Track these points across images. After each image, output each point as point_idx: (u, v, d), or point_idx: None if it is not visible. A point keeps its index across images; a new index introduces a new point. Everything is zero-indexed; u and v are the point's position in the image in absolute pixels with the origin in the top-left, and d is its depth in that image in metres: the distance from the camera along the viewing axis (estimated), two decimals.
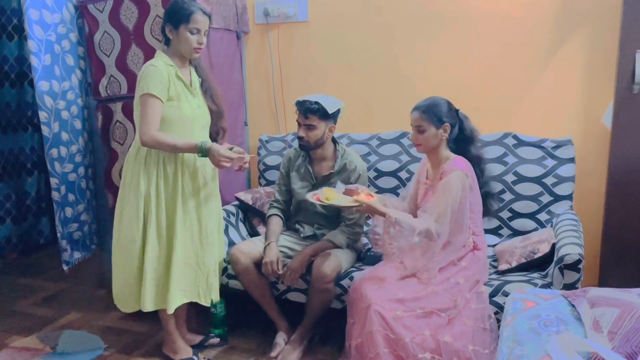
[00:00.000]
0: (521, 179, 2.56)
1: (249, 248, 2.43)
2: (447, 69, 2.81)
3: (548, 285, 2.09)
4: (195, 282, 2.20)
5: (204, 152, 1.98)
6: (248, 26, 3.13)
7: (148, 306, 2.12)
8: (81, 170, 2.87)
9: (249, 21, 3.13)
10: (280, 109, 3.17)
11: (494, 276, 2.27)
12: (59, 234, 2.77)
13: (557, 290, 1.76)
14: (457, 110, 2.14)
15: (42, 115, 2.60)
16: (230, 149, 2.12)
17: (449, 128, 2.09)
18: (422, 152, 2.17)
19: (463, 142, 2.13)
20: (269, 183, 3.08)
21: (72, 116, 2.78)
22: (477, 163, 2.13)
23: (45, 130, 2.61)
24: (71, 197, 2.83)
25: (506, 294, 2.08)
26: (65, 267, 2.83)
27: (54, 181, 2.68)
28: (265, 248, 2.41)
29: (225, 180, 2.94)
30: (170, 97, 2.01)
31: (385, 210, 2.02)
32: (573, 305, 1.46)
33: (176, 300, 2.15)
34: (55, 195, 2.69)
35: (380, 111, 2.97)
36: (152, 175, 2.06)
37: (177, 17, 2.00)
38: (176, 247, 2.10)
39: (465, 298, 2.01)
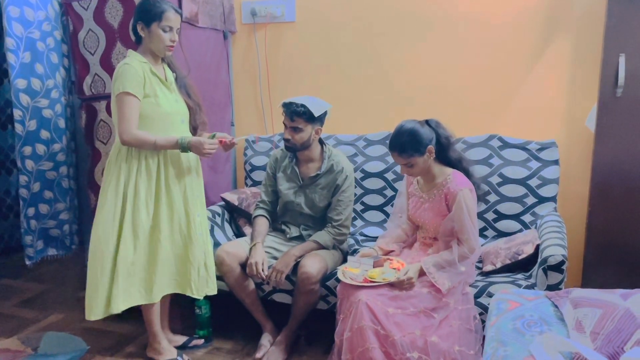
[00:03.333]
0: (506, 180, 2.57)
1: (235, 249, 2.42)
2: (434, 71, 2.82)
3: (532, 286, 2.10)
4: (186, 274, 2.18)
5: (184, 147, 2.02)
6: (235, 26, 3.12)
7: (120, 305, 2.07)
8: (63, 169, 2.84)
9: (236, 21, 3.12)
10: (267, 110, 3.16)
11: (478, 277, 2.28)
12: (22, 230, 2.75)
13: (541, 291, 1.77)
14: (427, 121, 2.13)
15: (17, 113, 2.60)
16: (212, 136, 2.16)
17: (433, 149, 2.10)
18: (417, 177, 2.22)
19: (440, 150, 2.13)
20: (256, 183, 3.07)
21: (55, 114, 2.75)
22: (459, 164, 2.15)
23: (18, 128, 2.61)
24: (48, 194, 2.80)
25: (491, 295, 2.09)
26: (28, 262, 2.79)
27: (23, 178, 2.67)
28: (250, 249, 2.41)
29: (210, 181, 2.93)
30: (147, 94, 2.03)
31: (424, 267, 2.06)
32: (556, 306, 1.47)
33: (163, 289, 2.14)
34: (22, 192, 2.68)
35: (367, 112, 2.97)
36: (133, 172, 2.06)
37: (149, 15, 2.02)
38: (162, 242, 2.10)
39: (456, 299, 2.03)
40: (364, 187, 2.85)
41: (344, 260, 2.53)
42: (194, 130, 2.24)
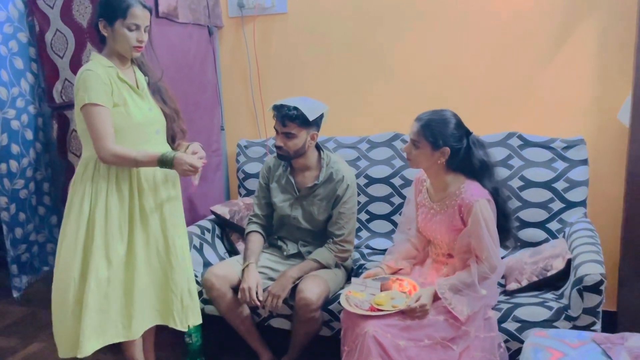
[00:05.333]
0: (528, 184, 2.33)
1: (225, 271, 2.20)
2: (443, 63, 2.58)
3: (565, 309, 1.86)
4: (167, 304, 1.97)
5: (167, 164, 1.80)
6: (221, 20, 2.89)
7: (86, 348, 1.80)
8: (32, 185, 2.62)
9: (222, 14, 2.90)
10: (259, 111, 2.95)
11: (501, 297, 2.04)
12: (9, 259, 2.57)
13: (587, 333, 1.48)
14: (468, 133, 1.89)
15: None
16: (186, 147, 1.97)
17: (448, 153, 1.86)
18: (412, 167, 1.98)
19: (472, 172, 1.89)
20: (250, 193, 2.84)
21: (22, 126, 2.51)
22: (495, 196, 1.89)
23: None
24: (22, 216, 2.61)
25: (518, 320, 1.88)
26: (15, 294, 2.63)
27: (3, 200, 2.45)
28: (243, 271, 2.18)
29: (200, 192, 2.70)
30: (116, 103, 1.80)
31: (439, 292, 1.84)
32: (609, 357, 1.19)
33: (143, 323, 1.92)
34: (4, 215, 2.46)
35: (370, 111, 2.75)
36: (101, 195, 1.83)
37: (111, 11, 1.78)
38: (138, 269, 1.87)
39: (477, 326, 1.81)
40: (368, 195, 2.61)
41: (349, 279, 2.30)
42: (171, 140, 2.01)
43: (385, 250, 2.47)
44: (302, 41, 2.80)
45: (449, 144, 1.85)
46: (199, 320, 2.04)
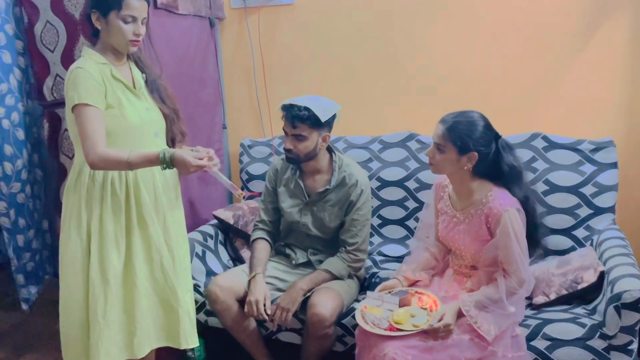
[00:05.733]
0: (553, 188, 2.21)
1: (230, 282, 2.07)
2: (462, 58, 2.46)
3: (599, 326, 1.74)
4: (175, 322, 1.83)
5: (167, 163, 1.63)
6: (223, 11, 2.76)
7: None
8: (28, 189, 2.46)
9: (224, 5, 2.77)
10: (264, 108, 2.81)
11: (528, 311, 1.92)
12: (13, 267, 2.42)
13: None
14: (497, 137, 1.76)
15: None
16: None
17: (475, 158, 1.73)
18: (435, 173, 1.85)
19: (500, 178, 1.77)
20: (254, 195, 2.69)
21: (13, 125, 2.35)
22: (525, 204, 1.76)
23: None
24: (22, 222, 2.45)
25: (548, 338, 1.77)
26: (25, 307, 2.50)
27: (2, 205, 2.33)
28: (249, 282, 2.06)
29: (200, 195, 2.59)
30: (110, 104, 1.67)
31: (464, 309, 1.71)
32: None
33: (148, 342, 1.79)
34: (5, 221, 2.33)
35: (383, 109, 2.63)
36: (95, 202, 1.70)
37: (105, 1, 1.65)
38: (139, 286, 1.74)
39: (505, 345, 1.69)
40: (381, 198, 2.48)
41: (362, 289, 2.19)
42: (171, 143, 1.87)
43: (399, 257, 2.40)
44: (310, 34, 2.68)
45: (477, 149, 1.71)
46: (196, 343, 1.90)
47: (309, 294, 2.00)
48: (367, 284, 2.21)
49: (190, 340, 1.85)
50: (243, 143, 2.76)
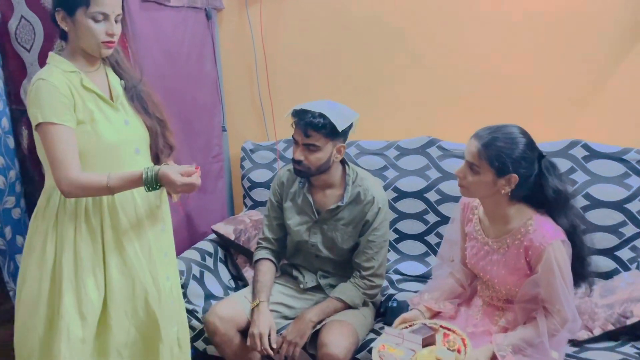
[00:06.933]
0: (595, 203, 1.98)
1: (231, 312, 1.88)
2: (490, 56, 2.23)
3: None
4: (156, 356, 1.67)
5: (152, 183, 1.46)
6: (221, 1, 2.56)
7: None
8: (23, 203, 2.26)
9: None
10: (267, 109, 2.61)
11: (569, 348, 1.71)
12: (11, 293, 2.23)
13: None
14: (541, 156, 1.54)
15: None
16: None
17: (515, 181, 1.50)
18: (466, 196, 1.65)
19: (542, 203, 1.55)
20: (257, 205, 2.52)
21: (4, 132, 2.15)
22: (571, 235, 1.54)
23: None
24: (20, 240, 2.24)
25: None
26: None
27: None
28: (252, 311, 1.87)
29: (198, 205, 2.41)
30: (80, 120, 1.46)
31: (498, 354, 1.51)
32: None
33: None
34: None
35: (400, 111, 2.43)
36: (68, 236, 1.51)
37: None
38: (115, 320, 1.55)
39: None
40: (397, 211, 2.27)
41: (378, 315, 2.00)
42: (155, 158, 1.67)
43: (417, 276, 2.21)
44: (319, 26, 2.48)
45: (517, 170, 1.48)
46: None
47: (319, 326, 1.80)
48: (382, 310, 2.01)
49: None
50: (244, 147, 2.57)
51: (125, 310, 1.57)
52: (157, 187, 1.46)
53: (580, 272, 1.58)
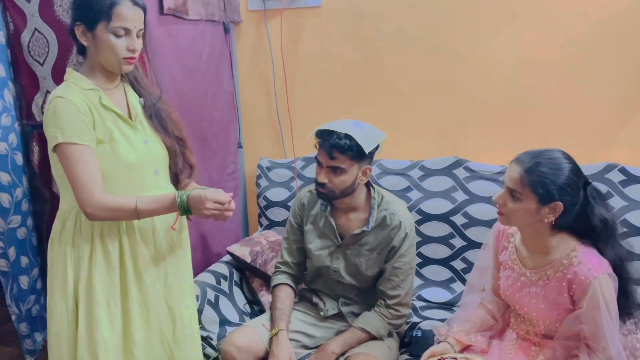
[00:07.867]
0: (633, 230, 1.89)
1: (249, 341, 1.79)
2: (520, 73, 2.18)
3: None
4: None
5: (185, 208, 1.40)
6: (239, 14, 2.50)
7: None
8: (30, 222, 2.18)
9: (241, 8, 2.50)
10: (285, 125, 2.54)
11: None
12: (14, 317, 2.15)
13: None
14: (587, 183, 1.46)
15: None
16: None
17: (560, 209, 1.42)
18: (505, 224, 1.56)
19: (587, 234, 1.47)
20: (273, 225, 2.43)
21: (11, 148, 2.08)
22: (618, 268, 1.46)
23: None
24: (24, 260, 2.17)
25: None
26: (30, 358, 2.22)
27: None
28: (270, 339, 1.78)
29: (212, 225, 2.33)
30: (100, 139, 1.41)
31: None
32: None
33: None
34: (2, 264, 2.06)
35: (424, 129, 2.37)
36: (83, 263, 1.45)
37: (91, 11, 1.40)
38: (137, 355, 1.50)
39: None
40: (422, 234, 2.19)
41: (402, 345, 1.90)
42: (175, 178, 1.61)
43: (442, 304, 2.11)
44: (339, 41, 2.42)
45: (562, 198, 1.39)
46: None
47: (341, 359, 1.72)
48: (407, 340, 1.91)
49: None
50: (261, 164, 2.49)
51: (142, 342, 1.50)
52: (190, 213, 1.40)
53: (626, 307, 1.49)
